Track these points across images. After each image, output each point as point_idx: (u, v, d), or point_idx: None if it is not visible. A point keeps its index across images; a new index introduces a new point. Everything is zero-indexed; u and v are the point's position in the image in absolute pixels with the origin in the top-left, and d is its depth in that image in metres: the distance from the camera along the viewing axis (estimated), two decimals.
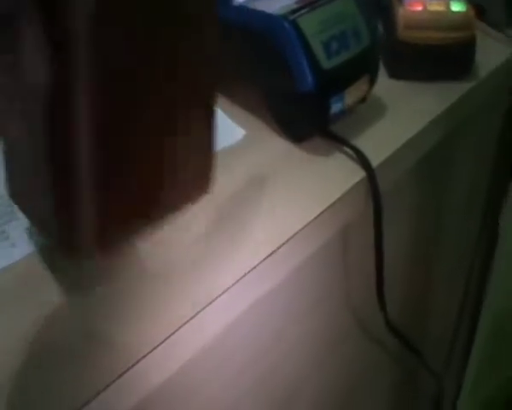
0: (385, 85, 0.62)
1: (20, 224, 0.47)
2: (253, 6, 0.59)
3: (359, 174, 0.54)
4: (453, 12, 0.64)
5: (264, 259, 0.47)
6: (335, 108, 0.55)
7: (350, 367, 0.75)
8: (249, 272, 0.46)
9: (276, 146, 0.56)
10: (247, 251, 0.47)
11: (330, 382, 0.72)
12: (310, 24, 0.54)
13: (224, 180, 0.50)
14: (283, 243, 0.48)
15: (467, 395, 1.08)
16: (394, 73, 0.66)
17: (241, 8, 0.58)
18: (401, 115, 0.61)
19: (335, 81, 0.54)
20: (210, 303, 0.43)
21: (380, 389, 0.89)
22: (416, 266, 0.79)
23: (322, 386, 0.71)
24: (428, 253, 0.81)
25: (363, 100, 0.58)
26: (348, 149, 0.56)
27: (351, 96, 0.56)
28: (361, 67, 0.57)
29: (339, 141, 0.56)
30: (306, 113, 0.55)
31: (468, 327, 1.03)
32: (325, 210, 0.51)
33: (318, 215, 0.50)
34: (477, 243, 0.92)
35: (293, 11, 0.55)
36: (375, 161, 0.55)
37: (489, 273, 0.93)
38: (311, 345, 0.64)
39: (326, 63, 0.53)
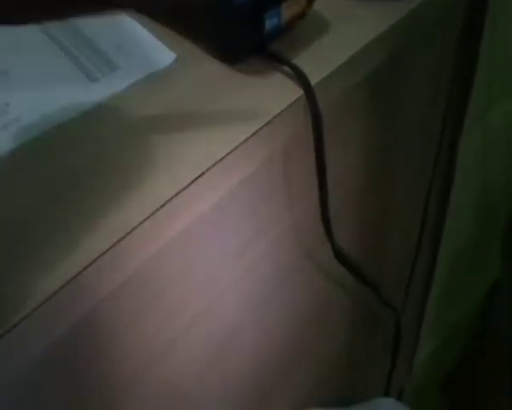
0: (327, 1, 0.58)
1: None
2: None
3: (298, 93, 0.51)
4: None
5: (200, 175, 0.44)
6: (271, 23, 0.51)
7: (300, 303, 0.73)
8: (188, 186, 0.43)
9: (209, 68, 0.53)
10: (187, 165, 0.44)
11: (279, 319, 0.70)
12: None
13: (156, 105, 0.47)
14: (221, 159, 0.45)
15: (426, 331, 1.07)
16: None
17: None
18: (343, 33, 0.57)
19: None
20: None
21: (334, 326, 0.87)
22: (367, 194, 0.76)
23: (268, 324, 0.68)
24: (381, 181, 0.79)
25: (301, 16, 0.55)
26: (286, 68, 0.52)
27: (288, 10, 0.53)
28: None
29: (276, 59, 0.53)
30: (240, 28, 0.51)
31: (427, 262, 1.01)
32: (262, 127, 0.47)
33: (255, 132, 0.47)
34: (433, 171, 0.89)
35: None
36: (314, 79, 0.51)
37: (446, 202, 0.91)
38: (254, 280, 0.62)
39: None
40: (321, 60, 0.54)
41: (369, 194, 0.76)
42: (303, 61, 0.53)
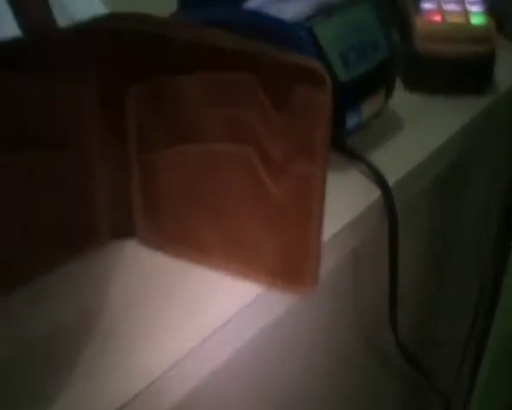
0: (400, 98, 0.59)
1: None
2: (266, 10, 0.56)
3: (375, 193, 0.51)
4: (473, 25, 0.61)
5: None
6: (351, 122, 0.52)
7: (357, 381, 0.72)
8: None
9: None
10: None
11: (337, 393, 0.70)
12: (326, 32, 0.51)
13: None
14: None
15: None
16: (410, 86, 0.64)
17: (254, 12, 0.55)
18: (418, 131, 0.58)
19: (352, 94, 0.52)
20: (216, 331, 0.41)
21: (386, 404, 0.86)
22: (425, 284, 0.76)
23: (328, 397, 0.68)
24: (439, 272, 0.79)
25: (379, 114, 0.56)
26: (364, 166, 0.53)
27: (367, 109, 0.53)
28: (378, 80, 0.54)
29: (355, 157, 0.53)
30: None
31: (476, 349, 1.00)
32: (339, 231, 0.48)
33: (332, 236, 0.47)
34: (488, 264, 0.89)
35: (309, 18, 0.52)
36: (391, 180, 0.52)
37: (498, 295, 0.91)
38: (320, 360, 0.62)
39: (343, 75, 0.51)
40: (397, 158, 0.54)
41: (428, 281, 0.76)
42: (379, 158, 0.54)
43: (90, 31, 0.41)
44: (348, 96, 0.51)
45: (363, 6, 0.55)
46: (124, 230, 0.46)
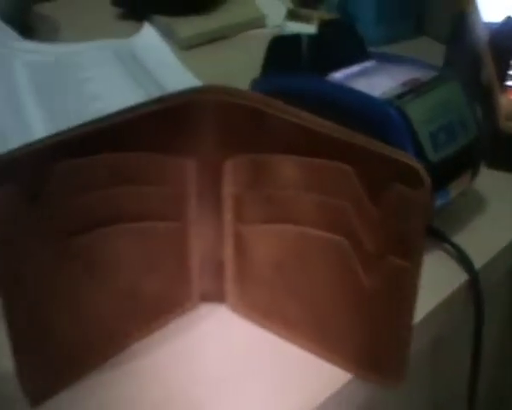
0: (483, 176, 0.58)
1: None
2: (351, 84, 0.56)
3: (460, 277, 0.50)
4: None
5: None
6: (439, 202, 0.51)
7: None
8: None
9: None
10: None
11: None
12: (417, 111, 0.51)
13: None
14: None
15: None
16: (493, 164, 0.63)
17: (339, 86, 0.55)
18: (502, 211, 0.57)
19: (441, 175, 0.51)
20: None
21: None
22: (498, 370, 0.74)
23: None
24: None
25: (464, 193, 0.55)
26: (449, 247, 0.52)
27: (454, 190, 0.53)
28: (466, 160, 0.54)
29: (439, 238, 0.52)
30: None
31: None
32: (424, 317, 0.47)
33: (418, 323, 0.46)
34: None
35: (399, 96, 0.52)
36: (477, 263, 0.51)
37: None
38: None
39: (433, 156, 0.50)
40: (481, 241, 0.53)
41: (501, 367, 0.74)
42: (464, 240, 0.52)
43: (192, 101, 0.41)
44: (437, 177, 0.50)
45: (451, 83, 0.55)
46: (214, 295, 0.47)
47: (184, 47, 0.87)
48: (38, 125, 0.68)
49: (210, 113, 0.42)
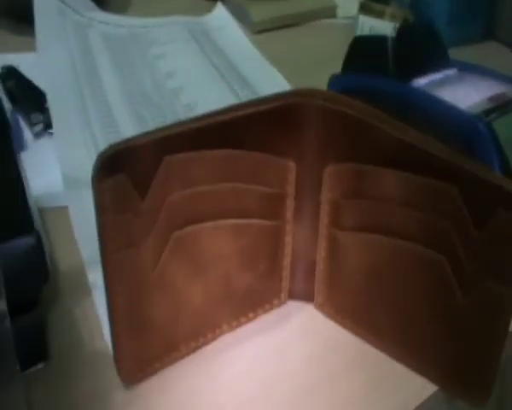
0: None
1: None
2: (436, 92, 0.57)
3: None
4: None
5: None
6: None
7: None
8: None
9: None
10: None
11: None
12: (505, 129, 0.52)
13: None
14: None
15: None
16: None
17: (427, 95, 0.56)
18: None
19: None
20: None
21: None
22: None
23: None
24: None
25: None
26: None
27: None
28: None
29: None
30: None
31: None
32: None
33: None
34: None
35: (486, 112, 0.53)
36: None
37: None
38: None
39: None
40: None
41: None
42: None
43: (297, 104, 0.42)
44: None
45: None
46: (302, 294, 0.48)
47: (255, 30, 0.88)
48: (116, 97, 0.69)
49: (314, 117, 0.43)
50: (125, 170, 0.36)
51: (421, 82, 0.60)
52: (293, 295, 0.48)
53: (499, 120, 0.52)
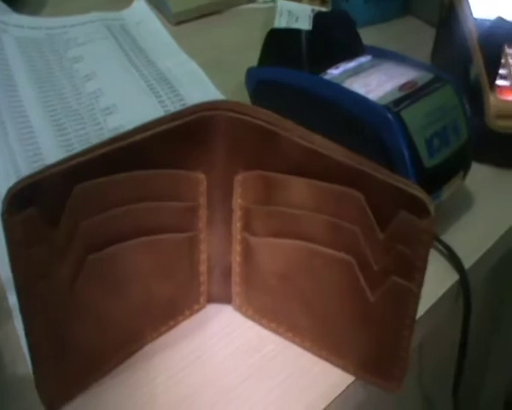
0: (471, 170, 0.61)
1: None
2: (348, 82, 0.58)
3: (451, 277, 0.53)
4: None
5: None
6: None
7: None
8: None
9: None
10: None
11: None
12: (414, 118, 0.53)
13: None
14: None
15: None
16: (480, 158, 0.65)
17: (338, 87, 0.57)
18: (489, 208, 0.60)
19: (435, 179, 0.53)
20: None
21: None
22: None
23: None
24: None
25: (455, 192, 0.57)
26: (440, 247, 0.55)
27: (447, 192, 0.55)
28: (459, 163, 0.56)
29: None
30: None
31: None
32: (422, 316, 0.50)
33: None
34: None
35: (396, 101, 0.54)
36: (467, 261, 0.53)
37: None
38: None
39: (428, 161, 0.52)
40: (471, 238, 0.56)
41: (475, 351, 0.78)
42: (454, 237, 0.55)
43: (204, 118, 0.43)
44: (431, 181, 0.53)
45: (446, 88, 0.56)
46: (221, 297, 0.49)
47: (176, 22, 0.87)
48: (33, 106, 0.69)
49: (221, 129, 0.43)
50: (35, 203, 0.37)
51: (334, 72, 0.60)
52: (212, 299, 0.49)
53: (409, 108, 0.53)
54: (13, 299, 0.48)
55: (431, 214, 0.38)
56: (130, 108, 0.68)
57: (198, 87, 0.73)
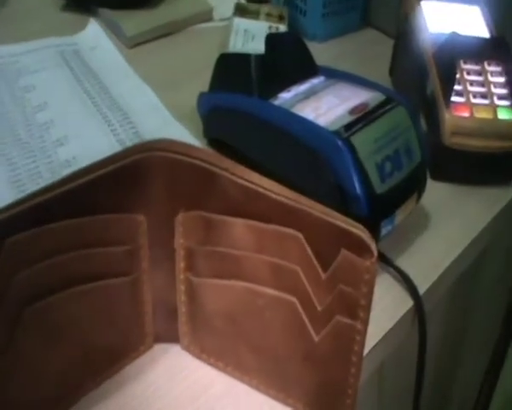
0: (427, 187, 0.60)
1: None
2: (299, 107, 0.57)
3: (407, 302, 0.52)
4: (500, 120, 0.62)
5: None
6: (385, 230, 0.53)
7: None
8: None
9: None
10: None
11: None
12: (364, 143, 0.52)
13: None
14: None
15: None
16: (436, 176, 0.65)
17: (287, 113, 0.56)
18: (446, 227, 0.59)
19: (388, 204, 0.52)
20: None
21: None
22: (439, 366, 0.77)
23: None
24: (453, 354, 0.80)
25: (408, 215, 0.57)
26: (395, 272, 0.54)
27: (400, 215, 0.54)
28: (412, 186, 0.55)
29: (387, 263, 0.54)
30: None
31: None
32: (373, 348, 0.49)
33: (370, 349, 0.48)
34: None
35: (347, 126, 0.53)
36: (422, 287, 0.53)
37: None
38: None
39: (379, 187, 0.51)
40: (426, 262, 0.55)
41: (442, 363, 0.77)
42: (409, 261, 0.55)
43: (140, 160, 0.42)
44: (384, 207, 0.52)
45: (399, 109, 0.56)
46: (168, 337, 0.48)
47: (131, 45, 0.86)
48: None
49: (158, 170, 0.42)
50: None
51: (285, 96, 0.59)
52: (159, 339, 0.48)
53: (359, 133, 0.52)
54: None
55: (373, 253, 0.37)
56: (82, 138, 0.67)
57: (151, 113, 0.71)
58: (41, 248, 0.39)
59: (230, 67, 0.65)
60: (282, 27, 0.86)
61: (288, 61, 0.64)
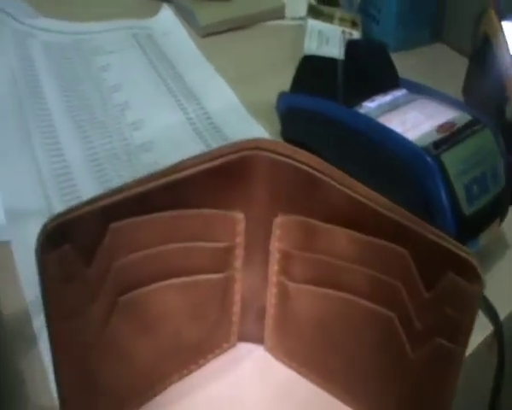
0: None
1: None
2: (384, 119, 0.56)
3: (487, 327, 0.51)
4: None
5: None
6: None
7: None
8: None
9: None
10: None
11: None
12: (454, 162, 0.51)
13: None
14: None
15: None
16: None
17: (374, 122, 0.56)
18: None
19: (473, 227, 0.52)
20: None
21: None
22: None
23: None
24: None
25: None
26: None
27: (484, 239, 0.54)
28: (496, 210, 0.55)
29: None
30: None
31: None
32: None
33: None
34: None
35: (436, 144, 0.52)
36: (502, 311, 0.52)
37: None
38: None
39: (467, 208, 0.51)
40: (507, 288, 0.54)
41: None
42: (488, 286, 0.53)
43: (246, 158, 0.41)
44: (470, 229, 0.52)
45: (485, 131, 0.55)
46: (252, 337, 0.48)
47: (203, 34, 0.86)
48: (60, 115, 0.67)
49: (262, 170, 0.42)
50: (69, 240, 0.35)
51: (369, 106, 0.59)
52: (243, 338, 0.48)
53: (448, 152, 0.52)
54: (37, 323, 0.47)
55: (481, 279, 0.36)
56: (157, 124, 0.67)
57: (226, 106, 0.71)
58: (141, 237, 0.39)
59: (315, 70, 0.65)
60: (356, 33, 0.86)
61: (372, 69, 0.64)
